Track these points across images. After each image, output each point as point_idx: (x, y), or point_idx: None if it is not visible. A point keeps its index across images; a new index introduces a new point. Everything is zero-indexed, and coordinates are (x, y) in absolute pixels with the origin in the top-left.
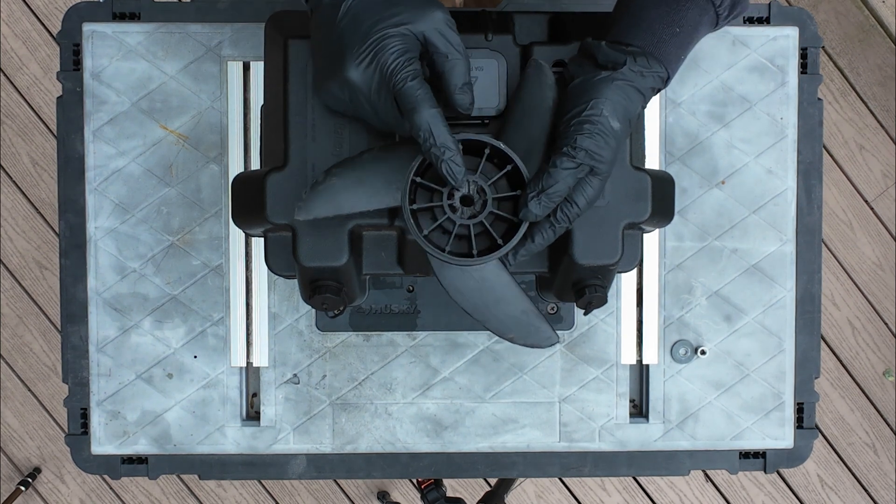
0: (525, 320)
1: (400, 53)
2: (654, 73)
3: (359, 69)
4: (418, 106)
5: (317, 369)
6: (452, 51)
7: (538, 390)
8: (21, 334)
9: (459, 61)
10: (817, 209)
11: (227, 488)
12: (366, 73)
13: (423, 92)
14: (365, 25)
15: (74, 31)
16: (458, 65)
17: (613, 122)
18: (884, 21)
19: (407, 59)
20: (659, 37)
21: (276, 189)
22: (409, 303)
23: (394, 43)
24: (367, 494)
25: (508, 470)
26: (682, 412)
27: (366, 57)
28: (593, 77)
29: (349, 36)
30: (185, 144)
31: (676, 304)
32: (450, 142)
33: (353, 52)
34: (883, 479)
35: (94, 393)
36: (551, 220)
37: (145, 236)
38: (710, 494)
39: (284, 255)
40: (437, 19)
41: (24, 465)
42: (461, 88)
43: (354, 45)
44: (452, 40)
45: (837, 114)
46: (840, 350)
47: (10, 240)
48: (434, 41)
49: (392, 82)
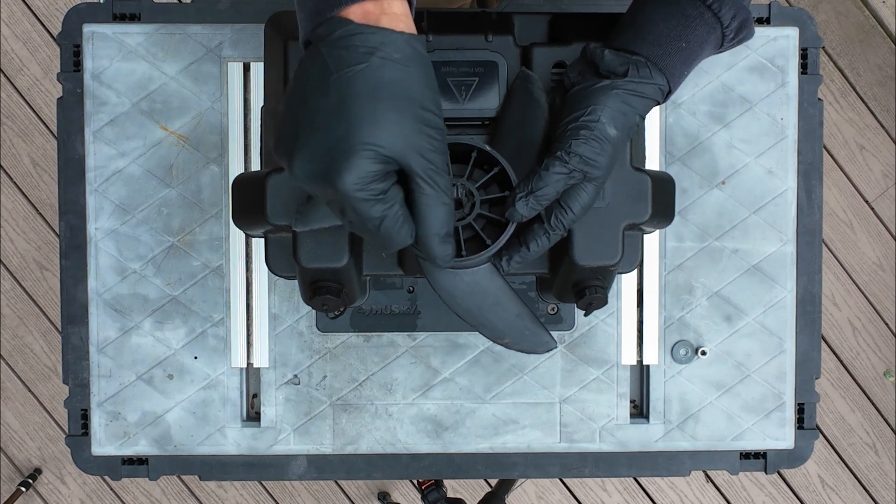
0: (520, 325)
1: (372, 181)
2: (655, 84)
3: (307, 172)
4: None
5: (317, 370)
6: (434, 192)
7: (539, 391)
8: (21, 335)
9: (444, 205)
10: (818, 209)
11: (227, 489)
12: (317, 182)
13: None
14: (340, 118)
15: (75, 33)
16: (440, 211)
17: (610, 129)
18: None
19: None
20: (665, 49)
21: (276, 190)
22: (410, 303)
23: (363, 168)
24: (367, 495)
25: (509, 470)
26: (682, 413)
27: (319, 164)
28: (593, 84)
29: (315, 111)
30: (185, 145)
31: (677, 305)
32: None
33: (306, 150)
34: (883, 480)
35: (94, 394)
36: (546, 227)
37: (146, 237)
38: (710, 495)
39: (285, 256)
40: (429, 146)
41: (25, 465)
42: (441, 241)
43: (312, 143)
44: (439, 180)
45: (838, 114)
46: (840, 350)
47: (10, 241)
48: (415, 174)
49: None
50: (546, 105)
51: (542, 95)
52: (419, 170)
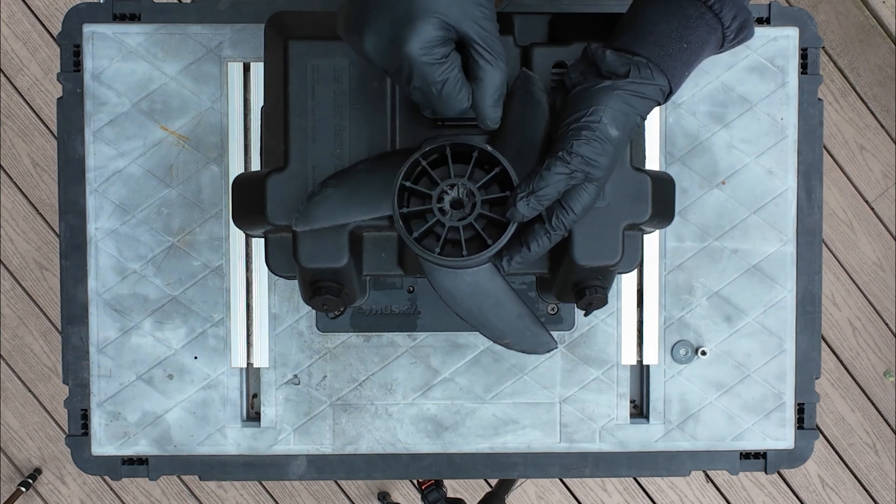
0: (520, 325)
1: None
2: (657, 85)
3: (377, 45)
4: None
5: (317, 370)
6: (491, 57)
7: (539, 391)
8: (21, 335)
9: (498, 69)
10: (818, 209)
11: (227, 489)
12: (386, 53)
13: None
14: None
15: (75, 33)
16: (496, 73)
17: (612, 129)
18: (884, 21)
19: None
20: (666, 50)
21: (276, 190)
22: (410, 303)
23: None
24: (367, 495)
25: (509, 470)
26: (682, 413)
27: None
28: (595, 85)
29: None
30: (185, 145)
31: (677, 305)
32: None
33: (375, 25)
34: (884, 480)
35: (94, 394)
36: (546, 227)
37: (146, 237)
38: (710, 495)
39: (285, 256)
40: (483, 14)
41: (25, 465)
42: (494, 103)
43: (380, 18)
44: (494, 45)
45: (838, 114)
46: (841, 350)
47: (10, 241)
48: (472, 41)
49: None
50: (547, 106)
51: (543, 96)
52: (476, 36)
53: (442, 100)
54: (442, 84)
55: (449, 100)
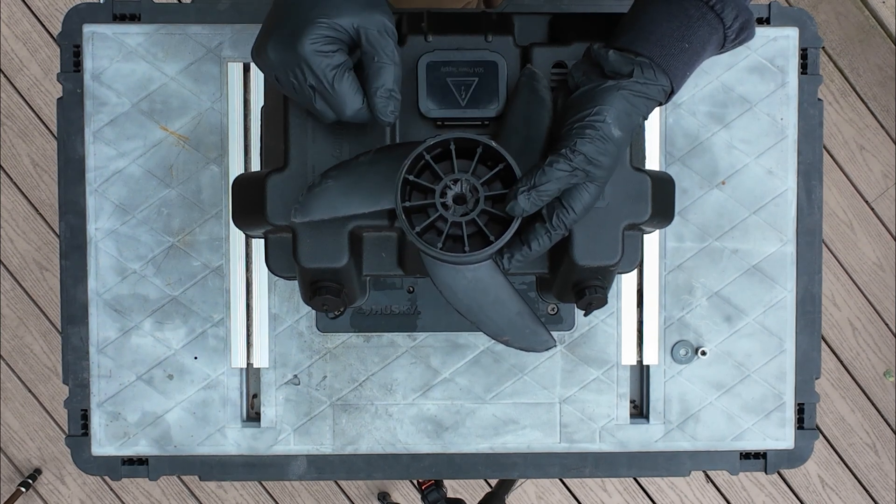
0: (520, 323)
1: (325, 44)
2: (659, 85)
3: (276, 52)
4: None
5: (317, 370)
6: (382, 55)
7: (539, 391)
8: (21, 335)
9: (388, 66)
10: (818, 210)
11: (227, 489)
12: (285, 58)
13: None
14: (301, 8)
15: (75, 33)
16: (386, 69)
17: (615, 129)
18: (884, 21)
19: (331, 51)
20: (668, 50)
21: (276, 190)
22: (410, 304)
23: (322, 33)
24: (367, 495)
25: (509, 471)
26: (682, 413)
27: (285, 42)
28: (598, 85)
29: (282, 12)
30: (185, 146)
31: (677, 305)
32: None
33: (275, 37)
34: (884, 480)
35: (94, 394)
36: (547, 226)
37: (146, 237)
38: (710, 495)
39: (285, 257)
40: (375, 21)
41: (25, 466)
42: (382, 91)
43: (279, 29)
44: (385, 46)
45: (837, 114)
46: (841, 350)
47: (10, 241)
48: (363, 41)
49: (319, 78)
50: (551, 104)
51: (548, 94)
52: (365, 36)
53: (337, 95)
54: (333, 76)
55: (343, 95)
